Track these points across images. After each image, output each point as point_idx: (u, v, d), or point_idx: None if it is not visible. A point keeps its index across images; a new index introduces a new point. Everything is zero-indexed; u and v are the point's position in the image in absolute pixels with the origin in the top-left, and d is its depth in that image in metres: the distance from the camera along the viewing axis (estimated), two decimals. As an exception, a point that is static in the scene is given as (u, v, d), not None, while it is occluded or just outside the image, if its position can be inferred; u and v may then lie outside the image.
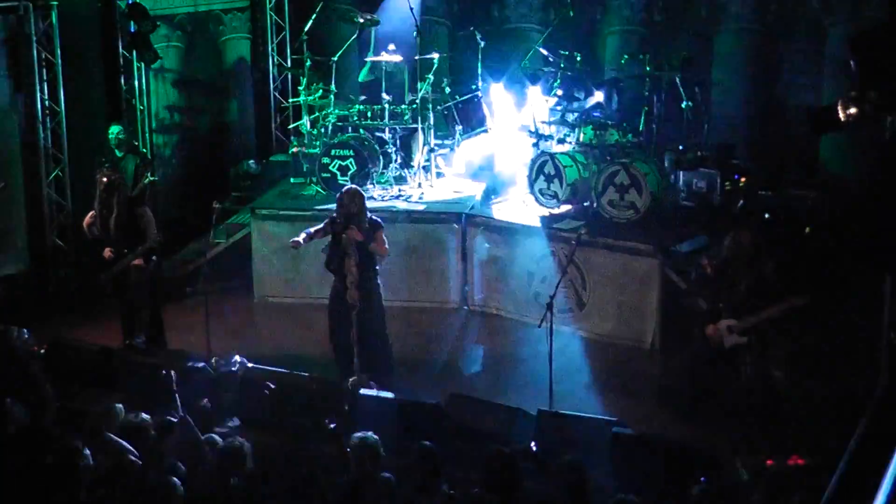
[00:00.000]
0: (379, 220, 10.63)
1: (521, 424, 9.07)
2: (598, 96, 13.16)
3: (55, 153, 13.31)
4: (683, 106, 12.42)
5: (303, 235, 10.51)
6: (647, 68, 12.56)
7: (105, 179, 10.96)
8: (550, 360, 9.61)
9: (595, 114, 12.93)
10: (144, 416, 7.85)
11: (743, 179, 12.38)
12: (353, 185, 11.17)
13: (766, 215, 11.97)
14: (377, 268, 10.55)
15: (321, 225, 10.52)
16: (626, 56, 13.50)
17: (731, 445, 8.79)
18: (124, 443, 7.47)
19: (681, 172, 12.39)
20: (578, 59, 13.44)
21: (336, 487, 7.03)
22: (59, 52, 13.19)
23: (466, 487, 7.26)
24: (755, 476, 8.06)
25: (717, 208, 12.16)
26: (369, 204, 10.98)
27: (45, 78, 13.19)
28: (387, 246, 10.50)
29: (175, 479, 6.83)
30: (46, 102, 13.23)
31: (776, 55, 13.96)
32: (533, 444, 8.73)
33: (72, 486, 6.82)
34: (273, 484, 7.01)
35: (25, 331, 10.52)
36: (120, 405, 8.43)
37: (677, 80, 12.51)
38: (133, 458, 7.28)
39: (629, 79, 13.24)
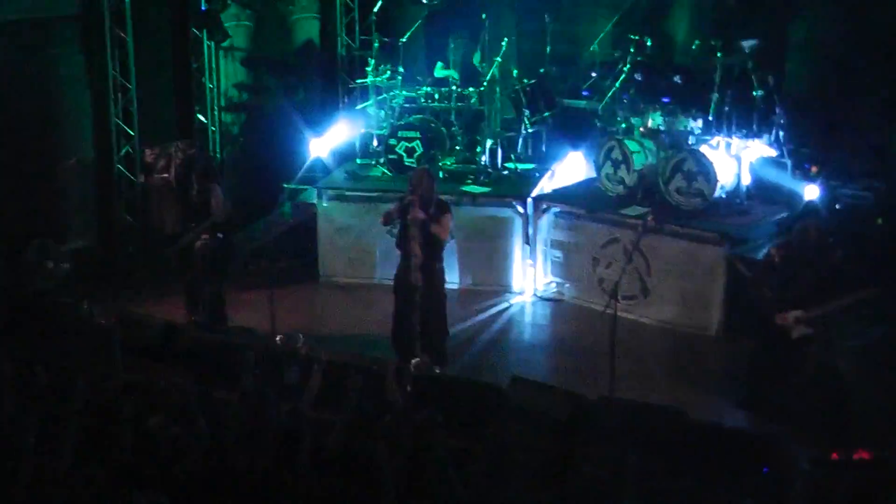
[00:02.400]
0: (448, 203, 10.64)
1: (581, 410, 9.04)
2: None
3: (125, 129, 13.44)
4: (755, 94, 12.27)
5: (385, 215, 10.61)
6: (719, 55, 12.41)
7: (182, 154, 11.10)
8: (612, 347, 9.55)
9: (664, 99, 12.83)
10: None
11: (814, 168, 12.22)
12: (424, 166, 11.19)
13: (837, 205, 11.81)
14: (442, 251, 10.58)
15: (393, 205, 10.59)
16: (697, 42, 13.36)
17: (794, 437, 8.69)
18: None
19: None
20: (649, 44, 13.34)
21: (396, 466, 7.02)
22: (131, 29, 13.29)
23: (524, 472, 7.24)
24: (817, 469, 7.97)
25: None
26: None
27: (116, 55, 13.31)
28: (449, 232, 10.51)
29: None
30: (118, 79, 13.35)
31: (851, 43, 13.73)
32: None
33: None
34: (334, 463, 7.02)
35: (94, 305, 10.69)
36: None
37: (749, 67, 12.36)
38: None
39: (700, 65, 13.10)
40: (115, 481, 6.51)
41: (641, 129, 12.89)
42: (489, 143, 13.81)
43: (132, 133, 13.45)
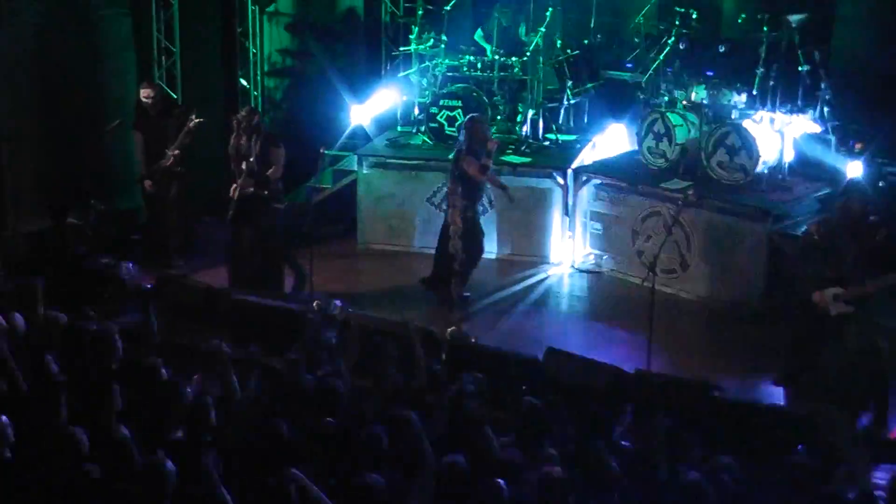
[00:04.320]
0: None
1: (617, 383, 9.04)
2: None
3: (169, 92, 13.49)
4: (800, 69, 12.16)
5: None
6: (765, 29, 12.30)
7: (247, 122, 11.16)
8: (651, 321, 9.55)
9: (708, 73, 12.75)
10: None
11: (858, 145, 12.11)
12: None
13: (881, 183, 11.70)
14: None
15: None
16: (743, 16, 13.25)
17: (831, 415, 8.66)
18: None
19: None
20: (694, 16, 13.25)
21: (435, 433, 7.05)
22: (176, -9, 13.38)
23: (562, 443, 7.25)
24: (854, 446, 7.95)
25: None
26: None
27: (162, 18, 13.37)
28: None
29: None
30: (163, 42, 13.41)
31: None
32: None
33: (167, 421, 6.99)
34: (367, 428, 7.06)
35: (135, 266, 10.79)
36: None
37: (795, 42, 12.24)
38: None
39: (746, 39, 12.99)
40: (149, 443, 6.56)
41: (685, 102, 12.83)
42: (531, 113, 13.77)
43: (175, 96, 13.51)
